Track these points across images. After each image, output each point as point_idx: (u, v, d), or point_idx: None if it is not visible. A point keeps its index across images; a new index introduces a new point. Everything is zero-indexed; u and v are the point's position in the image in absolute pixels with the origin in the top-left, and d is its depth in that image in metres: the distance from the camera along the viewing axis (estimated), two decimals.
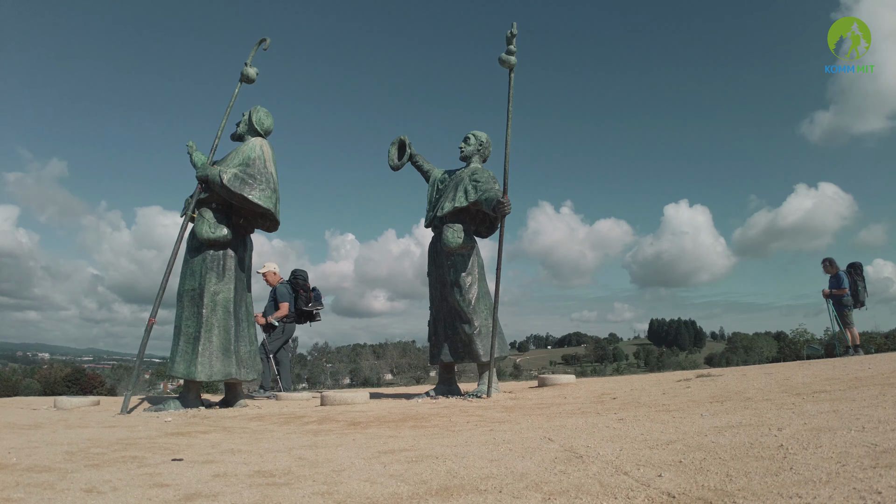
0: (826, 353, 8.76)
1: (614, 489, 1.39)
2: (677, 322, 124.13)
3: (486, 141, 5.14)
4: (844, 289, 7.97)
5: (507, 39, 4.62)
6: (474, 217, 5.05)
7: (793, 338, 28.80)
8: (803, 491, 1.23)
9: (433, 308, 5.03)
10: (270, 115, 4.80)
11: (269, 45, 4.91)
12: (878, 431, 1.74)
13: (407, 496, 1.47)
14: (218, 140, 4.59)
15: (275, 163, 4.60)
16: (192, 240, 4.45)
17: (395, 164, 5.27)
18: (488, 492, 1.46)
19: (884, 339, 27.44)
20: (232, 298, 4.38)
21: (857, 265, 8.21)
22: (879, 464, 1.37)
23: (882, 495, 1.15)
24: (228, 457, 2.18)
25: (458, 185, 4.87)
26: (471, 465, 1.80)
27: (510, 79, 4.60)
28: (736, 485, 1.33)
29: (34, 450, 2.36)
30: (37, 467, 1.97)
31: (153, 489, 1.64)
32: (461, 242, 4.73)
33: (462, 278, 4.75)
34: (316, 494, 1.53)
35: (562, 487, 1.44)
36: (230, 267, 4.41)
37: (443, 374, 5.07)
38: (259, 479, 1.74)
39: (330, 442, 2.54)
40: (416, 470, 1.77)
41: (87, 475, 1.84)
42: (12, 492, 1.61)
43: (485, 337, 4.66)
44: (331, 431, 2.94)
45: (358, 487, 1.59)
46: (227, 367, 4.27)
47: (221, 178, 4.24)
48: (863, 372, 3.70)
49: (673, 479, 1.43)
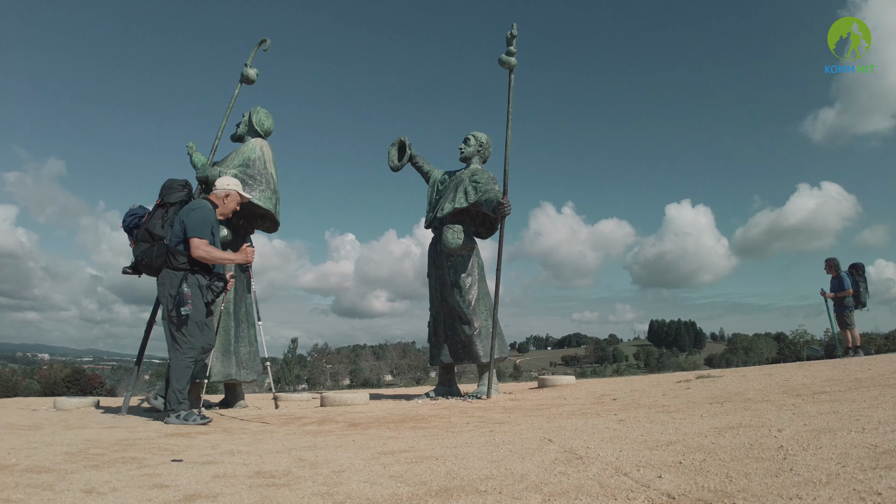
0: (826, 354, 8.75)
1: (614, 490, 1.39)
2: (677, 323, 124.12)
3: (486, 142, 5.14)
4: (848, 290, 7.95)
5: (507, 40, 4.63)
6: (474, 218, 5.05)
7: (793, 339, 28.84)
8: (803, 492, 1.23)
9: (433, 309, 5.03)
10: (270, 116, 4.80)
11: (270, 46, 4.91)
12: (878, 432, 1.74)
13: (407, 497, 1.47)
14: (218, 141, 4.59)
15: (275, 164, 4.60)
16: None
17: (395, 165, 5.28)
18: (488, 493, 1.46)
19: (884, 340, 27.45)
20: (232, 299, 4.38)
21: (859, 266, 8.20)
22: (879, 465, 1.37)
23: (882, 496, 1.15)
24: (228, 458, 2.18)
25: (458, 186, 4.87)
26: (471, 466, 1.80)
27: (510, 80, 4.61)
28: (736, 486, 1.33)
29: (34, 450, 2.36)
30: (36, 468, 1.97)
31: (153, 490, 1.64)
32: (461, 243, 4.73)
33: (462, 279, 4.75)
34: (316, 495, 1.53)
35: (562, 488, 1.44)
36: (230, 268, 4.40)
37: (443, 375, 5.07)
38: (259, 480, 1.74)
39: (330, 443, 2.54)
40: (415, 471, 1.77)
41: (86, 476, 1.84)
42: (12, 492, 1.61)
43: (485, 338, 4.66)
44: (331, 432, 2.94)
45: (358, 488, 1.59)
46: (226, 368, 4.27)
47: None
48: (863, 373, 3.70)
49: (673, 481, 1.43)
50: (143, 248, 3.50)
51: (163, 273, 3.49)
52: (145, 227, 3.56)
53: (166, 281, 3.46)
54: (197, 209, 3.55)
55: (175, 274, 3.46)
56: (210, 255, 3.47)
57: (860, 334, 8.40)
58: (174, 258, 3.46)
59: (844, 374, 3.72)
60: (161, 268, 3.49)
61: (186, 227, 3.47)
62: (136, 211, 3.74)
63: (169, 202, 3.63)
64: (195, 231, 3.46)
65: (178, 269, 3.46)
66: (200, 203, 3.61)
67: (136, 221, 3.65)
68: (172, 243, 3.49)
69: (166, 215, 3.60)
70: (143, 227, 3.57)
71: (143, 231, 3.56)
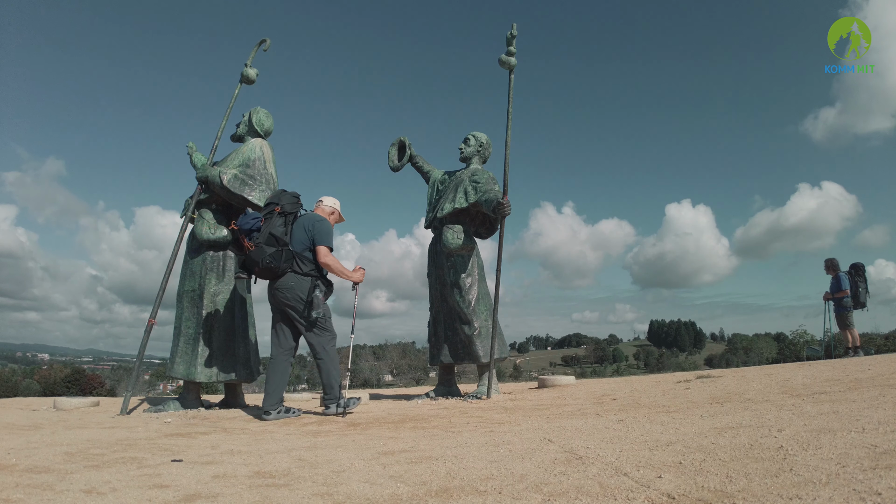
0: (825, 355, 8.76)
1: (614, 490, 1.39)
2: (677, 323, 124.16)
3: (486, 142, 5.14)
4: (845, 290, 7.96)
5: (507, 41, 4.63)
6: (474, 218, 5.05)
7: (793, 339, 28.85)
8: (803, 492, 1.23)
9: (433, 309, 5.03)
10: (270, 116, 4.80)
11: (270, 46, 4.91)
12: (877, 433, 1.74)
13: (407, 497, 1.47)
14: (218, 141, 4.58)
15: (275, 164, 4.60)
16: (191, 241, 4.45)
17: (395, 165, 5.28)
18: (488, 493, 1.46)
19: (884, 340, 27.45)
20: (232, 299, 4.38)
21: (859, 266, 8.20)
22: (879, 465, 1.37)
23: (882, 496, 1.15)
24: (228, 458, 2.18)
25: (457, 186, 4.87)
26: (470, 466, 1.80)
27: (510, 80, 4.61)
28: (736, 486, 1.33)
29: (34, 450, 2.36)
30: (36, 468, 1.97)
31: (153, 490, 1.64)
32: (461, 243, 4.73)
33: (462, 279, 4.75)
34: (315, 495, 1.53)
35: (562, 489, 1.44)
36: (230, 268, 4.40)
37: (442, 376, 5.07)
38: (259, 480, 1.74)
39: (330, 443, 2.54)
40: (415, 471, 1.77)
41: (86, 476, 1.84)
42: (12, 493, 1.61)
43: (484, 338, 4.66)
44: (330, 432, 2.94)
45: (358, 488, 1.59)
46: (226, 368, 4.27)
47: (221, 179, 4.24)
48: (862, 373, 3.70)
49: (673, 481, 1.43)
50: (270, 252, 3.59)
51: (288, 276, 3.62)
52: (269, 231, 3.65)
53: (294, 285, 3.62)
54: (323, 221, 3.80)
55: (304, 279, 3.64)
56: (335, 264, 3.72)
57: (860, 335, 8.40)
58: (302, 264, 3.64)
59: (844, 375, 3.72)
60: (285, 272, 3.62)
61: (315, 235, 3.69)
62: (255, 214, 3.81)
63: (287, 211, 3.77)
64: (325, 240, 3.70)
65: (306, 274, 3.65)
66: (320, 216, 3.85)
67: (258, 225, 3.72)
68: (298, 250, 3.66)
69: (286, 222, 3.74)
70: (266, 231, 3.65)
71: (265, 234, 3.64)
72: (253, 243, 3.63)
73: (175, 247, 4.37)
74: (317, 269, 3.69)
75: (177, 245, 4.38)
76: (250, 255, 3.60)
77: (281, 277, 3.63)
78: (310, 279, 3.65)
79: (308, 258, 3.67)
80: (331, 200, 4.09)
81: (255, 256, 3.58)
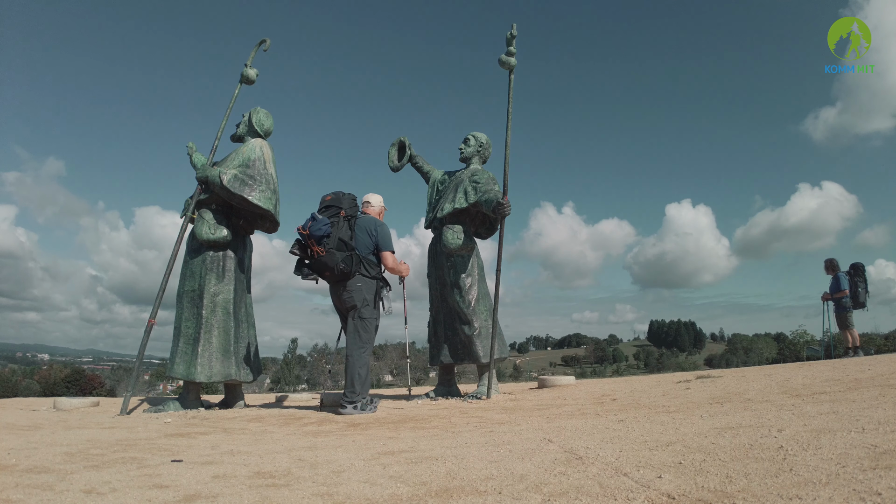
0: (825, 355, 8.76)
1: (614, 490, 1.39)
2: (677, 323, 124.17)
3: (486, 142, 5.14)
4: (844, 290, 7.96)
5: (506, 41, 4.63)
6: (474, 218, 5.05)
7: (793, 339, 28.83)
8: (803, 492, 1.23)
9: (433, 309, 5.03)
10: (270, 116, 4.80)
11: (270, 46, 4.91)
12: (877, 433, 1.74)
13: (407, 497, 1.47)
14: (218, 141, 4.59)
15: (275, 164, 4.60)
16: (191, 241, 4.45)
17: (395, 165, 5.28)
18: (488, 493, 1.46)
19: (884, 340, 27.45)
20: (232, 299, 4.38)
21: (859, 266, 8.19)
22: (879, 465, 1.37)
23: (882, 497, 1.15)
24: (228, 458, 2.18)
25: (457, 186, 4.87)
26: (470, 466, 1.80)
27: (510, 80, 4.61)
28: (736, 486, 1.33)
29: (33, 451, 2.36)
30: (36, 468, 1.97)
31: (152, 490, 1.64)
32: (461, 244, 4.73)
33: (462, 279, 4.75)
34: (315, 496, 1.53)
35: (562, 489, 1.44)
36: (230, 268, 4.41)
37: (442, 376, 5.07)
38: (259, 481, 1.74)
39: (329, 443, 2.54)
40: (415, 471, 1.77)
41: (86, 476, 1.84)
42: (12, 493, 1.61)
43: (484, 338, 4.66)
44: (330, 433, 2.94)
45: (357, 489, 1.59)
46: (226, 368, 4.27)
47: (221, 179, 4.24)
48: (862, 373, 3.70)
49: (673, 481, 1.43)
50: (342, 257, 3.72)
51: (356, 279, 3.80)
52: (338, 237, 3.77)
53: (363, 287, 3.81)
54: (383, 225, 3.99)
55: (370, 281, 3.86)
56: (398, 267, 4.02)
57: (860, 335, 8.40)
58: (369, 267, 3.86)
59: (844, 375, 3.72)
60: (353, 275, 3.79)
61: (379, 240, 3.91)
62: (325, 220, 3.86)
63: (350, 214, 3.90)
64: (390, 245, 3.94)
65: (373, 277, 3.88)
66: (379, 221, 4.03)
67: (329, 231, 3.79)
68: (363, 253, 3.86)
69: (350, 226, 3.88)
70: (336, 236, 3.76)
71: (335, 240, 3.76)
72: (324, 248, 3.72)
73: (175, 247, 4.37)
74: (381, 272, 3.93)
75: (177, 245, 4.38)
76: (322, 260, 3.70)
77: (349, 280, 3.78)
78: (375, 282, 3.87)
79: (372, 261, 3.88)
80: (377, 199, 4.21)
81: (329, 262, 3.69)
